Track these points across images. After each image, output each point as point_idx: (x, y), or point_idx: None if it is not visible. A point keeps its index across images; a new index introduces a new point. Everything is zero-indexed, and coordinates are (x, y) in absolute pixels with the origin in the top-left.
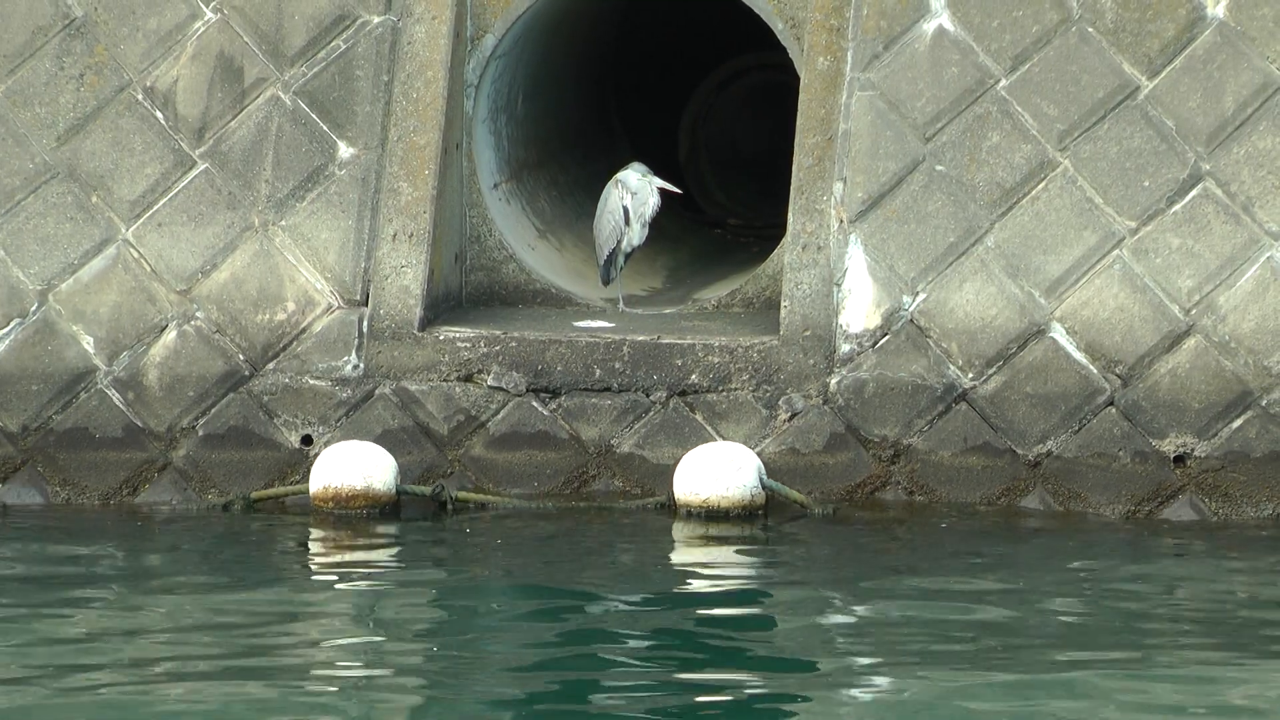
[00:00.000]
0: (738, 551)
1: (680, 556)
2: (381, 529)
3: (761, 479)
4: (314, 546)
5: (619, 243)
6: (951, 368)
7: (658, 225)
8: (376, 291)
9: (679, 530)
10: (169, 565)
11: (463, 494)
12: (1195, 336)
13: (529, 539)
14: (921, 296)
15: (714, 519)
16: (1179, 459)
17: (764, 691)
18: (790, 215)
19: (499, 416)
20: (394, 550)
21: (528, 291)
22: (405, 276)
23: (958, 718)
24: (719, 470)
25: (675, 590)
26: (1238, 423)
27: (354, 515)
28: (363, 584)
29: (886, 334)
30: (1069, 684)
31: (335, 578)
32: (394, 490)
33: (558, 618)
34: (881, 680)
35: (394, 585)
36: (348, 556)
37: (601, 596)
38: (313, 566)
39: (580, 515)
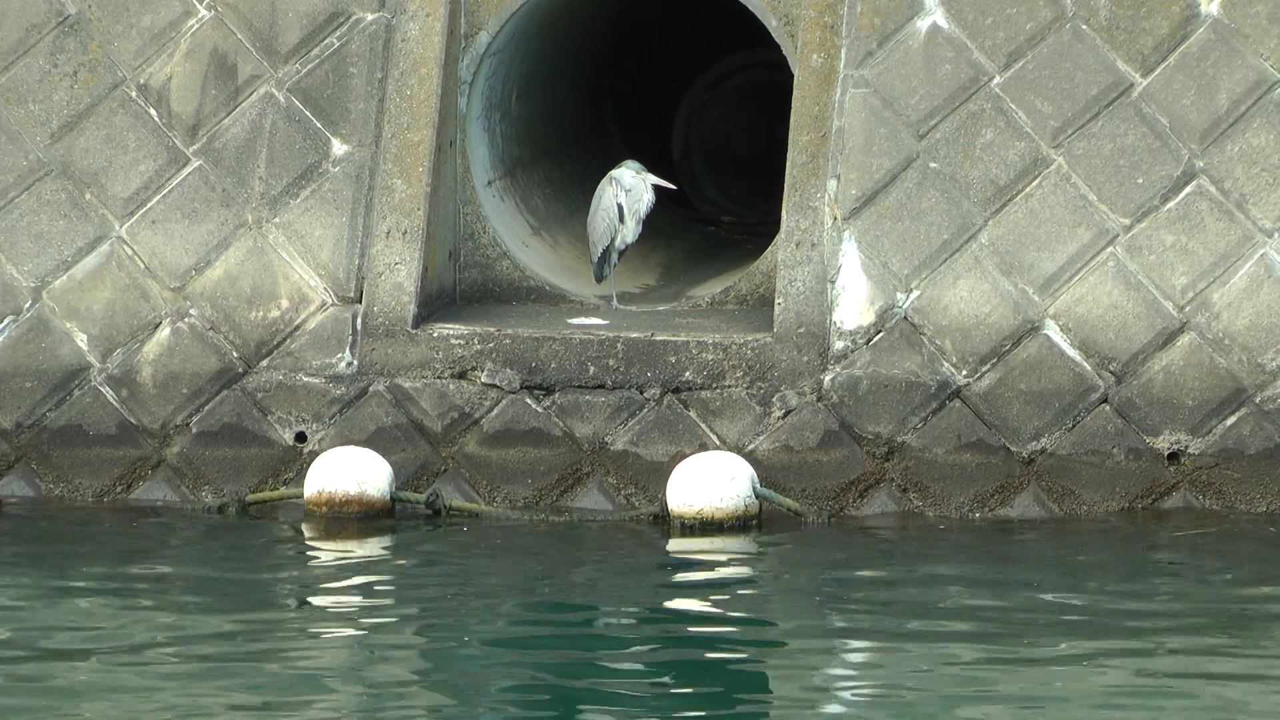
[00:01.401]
0: (732, 562)
1: (674, 567)
2: (374, 534)
3: (755, 488)
4: (306, 551)
5: (613, 240)
6: (945, 365)
7: (651, 222)
8: (370, 289)
9: (672, 541)
10: (161, 569)
11: (457, 503)
12: (1189, 333)
13: (522, 547)
14: (915, 293)
15: (708, 530)
16: (1173, 456)
17: (760, 700)
18: (784, 212)
19: (493, 414)
20: (386, 556)
21: (522, 289)
22: (399, 274)
23: None
24: (712, 480)
25: (668, 601)
26: (1231, 420)
27: (347, 520)
28: (356, 588)
29: (880, 331)
30: (1071, 690)
31: (327, 582)
32: (388, 496)
33: (550, 627)
34: (880, 689)
35: (386, 591)
36: (340, 561)
37: (595, 606)
38: (304, 571)
39: (574, 525)
